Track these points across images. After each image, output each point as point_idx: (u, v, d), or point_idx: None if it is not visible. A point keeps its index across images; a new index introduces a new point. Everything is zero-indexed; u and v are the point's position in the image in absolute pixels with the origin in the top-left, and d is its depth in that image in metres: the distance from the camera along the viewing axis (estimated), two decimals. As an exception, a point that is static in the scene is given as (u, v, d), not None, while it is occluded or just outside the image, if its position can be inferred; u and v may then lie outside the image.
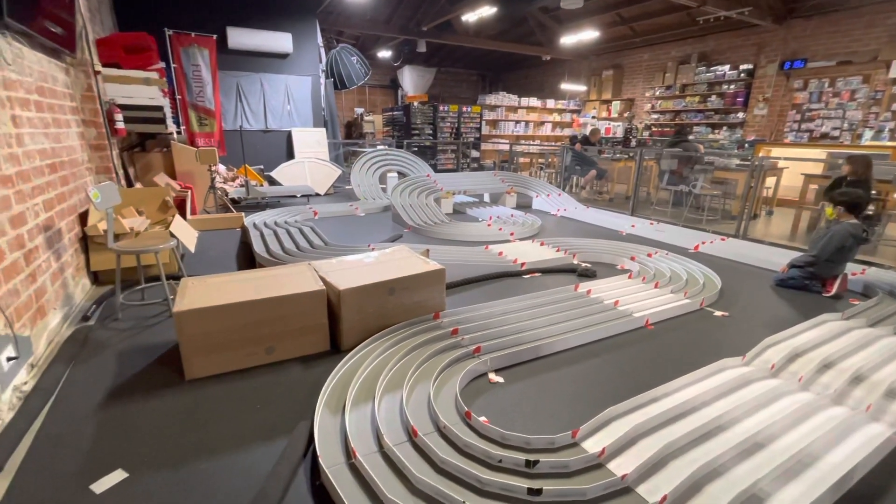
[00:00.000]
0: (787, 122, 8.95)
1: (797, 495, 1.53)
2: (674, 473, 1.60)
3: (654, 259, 4.41)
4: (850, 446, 1.81)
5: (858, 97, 7.87)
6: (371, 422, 1.90)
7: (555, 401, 2.19)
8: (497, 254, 4.64)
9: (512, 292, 3.57)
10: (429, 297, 2.95)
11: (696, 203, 6.94)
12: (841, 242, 3.57)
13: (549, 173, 10.80)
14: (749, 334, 2.91)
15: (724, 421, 1.92)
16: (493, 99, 14.58)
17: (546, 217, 6.88)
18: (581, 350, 2.71)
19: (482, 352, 2.51)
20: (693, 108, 10.67)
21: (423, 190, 7.09)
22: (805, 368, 2.35)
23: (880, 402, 2.09)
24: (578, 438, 1.80)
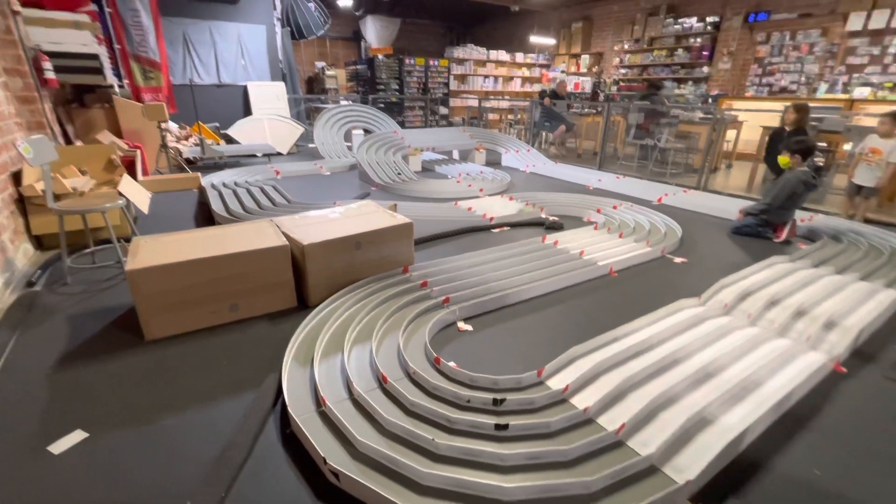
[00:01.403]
0: (749, 77, 9.09)
1: (741, 416, 1.65)
2: (632, 404, 1.69)
3: (619, 211, 4.50)
4: (790, 372, 1.96)
5: (816, 51, 8.03)
6: (341, 372, 1.90)
7: (522, 345, 2.26)
8: (466, 209, 4.62)
9: (481, 246, 3.58)
10: (397, 252, 2.92)
11: (660, 157, 7.06)
12: (793, 189, 3.74)
13: (519, 129, 10.70)
14: (705, 278, 3.05)
15: (679, 355, 2.03)
16: (461, 52, 14.08)
17: (515, 173, 6.86)
18: (548, 297, 2.78)
19: (451, 302, 2.53)
20: (660, 62, 10.65)
21: (390, 147, 6.89)
22: (754, 306, 2.49)
23: (819, 333, 2.25)
24: (544, 377, 1.87)
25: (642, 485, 1.37)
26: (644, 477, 1.40)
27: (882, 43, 7.19)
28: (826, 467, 1.53)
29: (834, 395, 1.92)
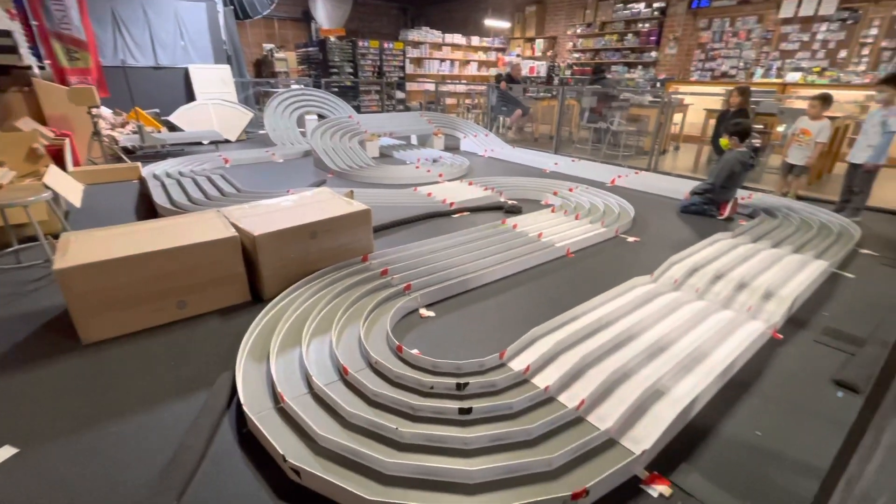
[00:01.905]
0: (693, 62, 9.46)
1: (691, 386, 1.74)
2: (590, 381, 1.75)
3: (574, 193, 4.60)
4: (734, 342, 2.08)
5: (753, 37, 8.46)
6: (299, 366, 1.84)
7: (484, 328, 2.27)
8: (426, 195, 4.58)
9: (441, 231, 3.55)
10: (355, 240, 2.85)
11: (613, 140, 7.27)
12: (732, 169, 3.95)
13: (477, 114, 10.67)
14: (657, 255, 3.18)
15: (633, 331, 2.11)
16: (416, 35, 13.79)
17: (474, 158, 6.85)
18: (508, 280, 2.81)
19: (412, 289, 2.51)
20: (611, 46, 10.88)
21: (345, 132, 6.69)
22: (701, 281, 2.62)
23: (759, 303, 2.41)
24: (506, 359, 1.89)
25: (601, 458, 1.42)
26: (603, 450, 1.45)
27: (811, 30, 7.67)
28: (766, 428, 1.64)
29: (772, 361, 2.06)
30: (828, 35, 7.51)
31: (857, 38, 7.19)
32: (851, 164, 4.09)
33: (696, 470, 1.45)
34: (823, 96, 4.35)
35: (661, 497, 1.35)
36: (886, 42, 6.91)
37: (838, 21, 7.33)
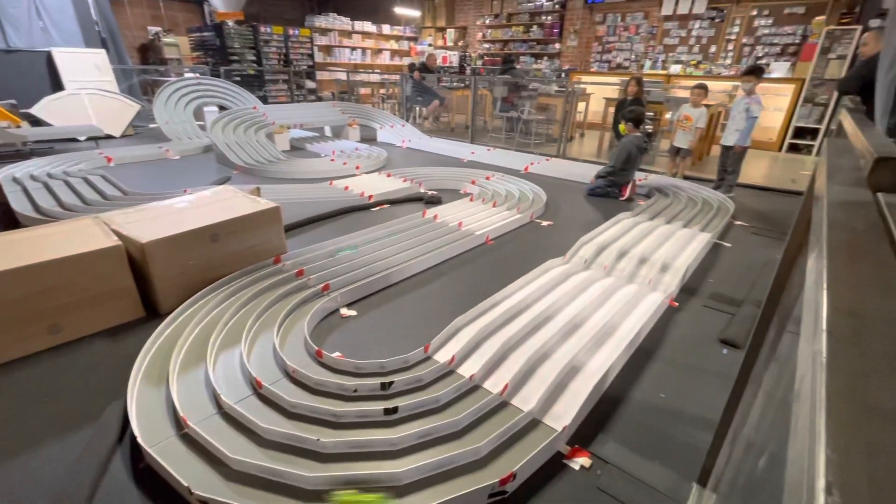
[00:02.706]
0: (592, 53, 10.13)
1: (603, 359, 1.86)
2: (513, 364, 1.79)
3: (491, 182, 4.70)
4: (638, 313, 2.26)
5: (641, 32, 9.24)
6: (205, 385, 1.67)
7: (408, 322, 2.24)
8: (343, 188, 4.40)
9: (361, 226, 3.44)
10: (265, 240, 2.65)
11: (525, 129, 7.55)
12: (629, 153, 4.30)
13: (392, 104, 10.50)
14: (569, 237, 3.35)
15: (550, 312, 2.21)
16: (323, 21, 13.17)
17: (392, 149, 6.74)
18: (430, 272, 2.80)
19: (331, 289, 2.39)
20: (518, 38, 11.27)
21: (251, 125, 6.21)
22: (608, 259, 2.82)
23: (657, 276, 2.64)
24: (430, 352, 1.88)
25: (527, 439, 1.46)
26: (528, 431, 1.50)
27: (687, 27, 8.55)
28: (668, 389, 1.81)
29: (670, 327, 2.27)
30: (700, 32, 8.42)
31: (724, 35, 8.15)
32: (724, 146, 4.64)
33: (611, 438, 1.55)
34: (701, 85, 4.87)
35: (582, 469, 1.42)
36: (746, 38, 7.91)
37: (708, 19, 8.25)
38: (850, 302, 0.24)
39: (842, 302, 0.24)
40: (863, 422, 0.17)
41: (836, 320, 0.22)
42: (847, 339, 0.21)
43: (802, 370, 0.23)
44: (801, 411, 0.20)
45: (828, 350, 0.20)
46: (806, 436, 0.18)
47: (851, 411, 0.17)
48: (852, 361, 0.20)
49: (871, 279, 0.26)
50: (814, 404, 0.18)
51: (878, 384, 0.19)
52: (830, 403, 0.17)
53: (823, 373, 0.19)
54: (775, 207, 4.37)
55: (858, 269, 0.28)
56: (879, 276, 0.27)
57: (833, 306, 0.23)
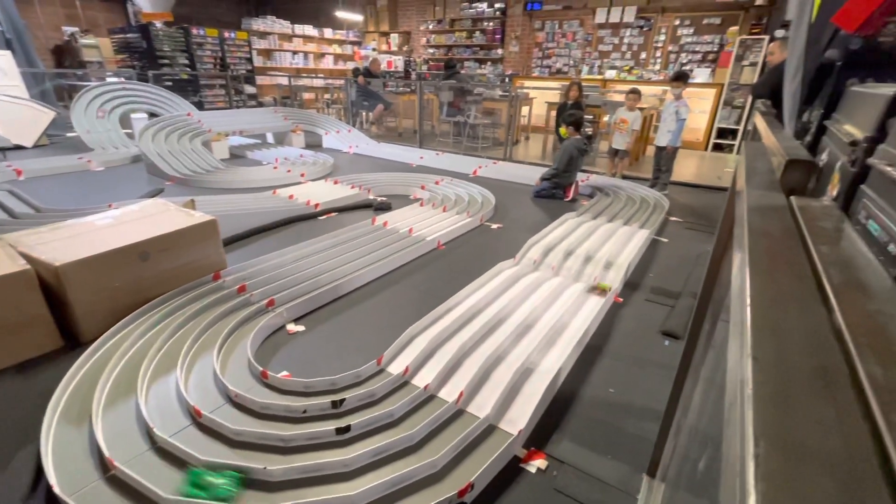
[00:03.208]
0: (533, 59, 10.45)
1: (555, 358, 1.90)
2: (467, 370, 1.78)
3: (441, 186, 4.71)
4: (586, 311, 2.33)
5: (577, 38, 9.66)
6: (137, 419, 1.52)
7: (360, 335, 2.17)
8: (287, 197, 4.24)
9: (307, 236, 3.31)
10: (202, 256, 2.49)
11: (472, 133, 7.65)
12: (570, 155, 4.46)
13: (338, 109, 10.30)
14: (518, 239, 3.41)
15: (503, 315, 2.23)
16: (261, 24, 12.69)
17: (338, 155, 6.59)
18: (381, 280, 2.74)
19: (276, 304, 2.28)
20: (462, 43, 11.42)
21: (185, 132, 5.86)
22: (556, 259, 2.89)
23: (602, 272, 2.75)
24: (384, 364, 1.83)
25: (484, 446, 1.46)
26: (484, 438, 1.49)
27: (619, 34, 9.03)
28: (617, 384, 1.87)
29: (616, 323, 2.36)
30: (631, 39, 8.93)
31: (652, 43, 8.69)
32: (657, 146, 4.92)
33: (565, 437, 1.58)
34: (634, 90, 5.14)
35: (538, 471, 1.44)
36: (672, 46, 8.48)
37: (637, 28, 8.76)
38: (772, 320, 0.24)
39: (764, 321, 0.24)
40: (792, 470, 0.16)
41: (760, 342, 0.22)
42: (770, 364, 0.21)
43: (731, 396, 0.22)
44: (732, 440, 0.20)
45: (753, 381, 0.20)
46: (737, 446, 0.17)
47: (779, 460, 0.17)
48: (777, 392, 0.20)
49: (790, 291, 0.27)
50: (742, 439, 0.18)
51: (802, 415, 0.18)
52: (758, 448, 0.17)
53: (750, 410, 0.18)
54: (705, 203, 4.69)
55: (778, 281, 0.28)
56: (796, 287, 0.27)
57: (756, 325, 0.24)
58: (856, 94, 0.72)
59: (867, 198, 0.39)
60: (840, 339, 0.24)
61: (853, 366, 0.21)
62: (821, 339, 0.24)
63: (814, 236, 0.35)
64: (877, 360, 0.21)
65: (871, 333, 0.24)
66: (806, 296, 0.27)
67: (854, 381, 0.20)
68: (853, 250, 0.33)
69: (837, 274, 0.29)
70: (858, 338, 0.23)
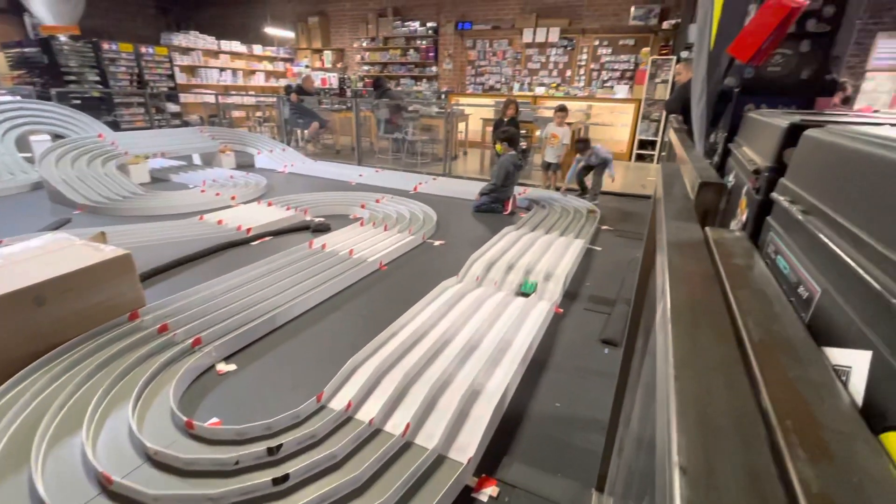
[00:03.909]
0: (466, 76, 10.73)
1: (501, 377, 1.89)
2: (414, 399, 1.72)
3: (382, 204, 4.64)
4: (529, 325, 2.36)
5: (507, 57, 10.06)
6: (30, 496, 1.31)
7: (298, 370, 2.05)
8: (216, 223, 3.97)
9: (239, 264, 3.10)
10: (115, 294, 2.24)
11: (411, 149, 7.67)
12: (506, 170, 4.59)
13: (271, 127, 9.93)
14: (460, 255, 3.41)
15: (448, 336, 2.19)
16: (183, 40, 12.00)
17: (272, 175, 6.32)
18: (321, 307, 2.62)
19: (204, 342, 2.10)
20: (397, 60, 11.50)
21: (97, 155, 5.36)
22: (498, 273, 2.92)
23: (542, 285, 2.81)
24: (324, 401, 1.72)
25: (434, 479, 1.40)
26: (434, 470, 1.44)
27: (546, 53, 9.53)
28: (562, 397, 1.90)
29: (558, 334, 2.41)
30: (556, 58, 9.45)
31: (576, 61, 9.25)
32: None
33: (515, 459, 1.56)
34: (561, 107, 5.41)
35: (490, 500, 1.40)
36: (593, 64, 9.07)
37: (561, 47, 9.30)
38: (699, 405, 0.23)
39: (690, 405, 0.23)
40: None
41: (688, 444, 0.20)
42: (700, 474, 0.19)
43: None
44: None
45: (681, 499, 0.18)
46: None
47: None
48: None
49: (713, 357, 0.26)
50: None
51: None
52: None
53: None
54: (632, 210, 5.00)
55: (700, 345, 0.27)
56: (718, 352, 0.26)
57: (682, 412, 0.22)
58: (752, 120, 0.78)
59: (774, 231, 0.40)
60: (767, 424, 0.23)
61: (784, 467, 0.20)
62: (748, 426, 0.23)
63: (731, 279, 0.35)
64: (807, 456, 0.20)
65: (797, 414, 0.23)
66: (729, 362, 0.26)
67: (788, 491, 0.19)
68: (768, 293, 0.34)
69: (755, 328, 0.29)
70: (785, 421, 0.22)
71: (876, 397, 0.23)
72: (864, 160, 0.29)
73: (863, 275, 0.25)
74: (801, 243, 0.35)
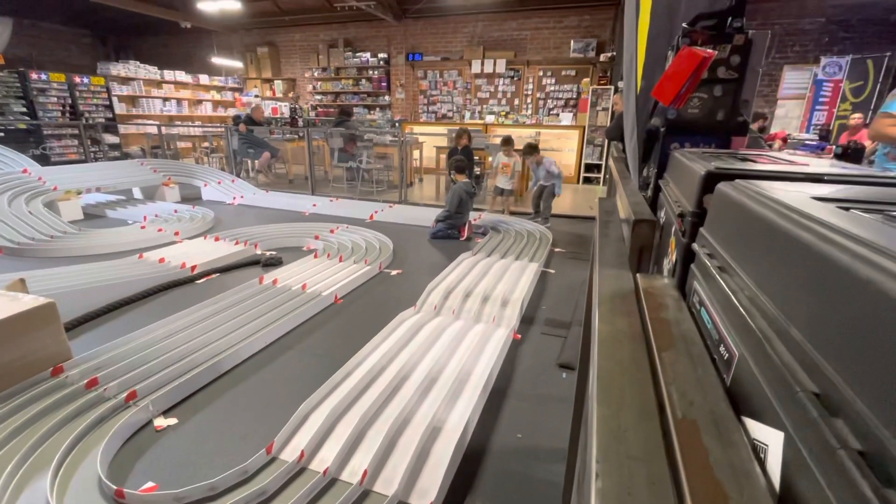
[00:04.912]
0: (419, 105, 10.94)
1: (462, 410, 1.85)
2: (371, 443, 1.65)
3: (336, 234, 4.56)
4: (488, 353, 2.35)
5: (458, 87, 10.39)
6: None
7: (246, 419, 1.91)
8: (157, 261, 3.74)
9: (182, 305, 2.91)
10: (36, 349, 2.03)
11: (367, 177, 7.64)
12: (459, 197, 4.67)
13: (220, 158, 9.62)
14: (418, 284, 3.38)
15: (406, 371, 2.14)
16: (123, 69, 11.52)
17: (220, 207, 6.07)
18: (272, 348, 2.49)
19: (139, 396, 1.93)
20: (349, 90, 11.57)
21: (20, 192, 4.95)
22: (455, 302, 2.92)
23: (499, 311, 2.82)
24: (275, 452, 1.61)
25: (392, 529, 1.33)
26: (393, 518, 1.37)
27: (494, 83, 9.92)
28: (523, 427, 1.88)
29: (517, 361, 2.41)
30: (504, 88, 9.86)
31: (523, 91, 9.68)
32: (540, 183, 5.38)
33: (478, 498, 1.52)
34: (506, 139, 5.61)
35: (453, 545, 1.35)
36: (539, 93, 9.53)
37: (508, 77, 9.73)
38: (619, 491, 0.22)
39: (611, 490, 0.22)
40: None
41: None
42: None
43: None
44: None
45: None
46: None
47: None
48: None
49: (636, 442, 0.26)
50: None
51: None
52: None
53: None
54: (582, 232, 5.18)
55: (624, 427, 0.27)
56: (642, 434, 0.26)
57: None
58: (677, 160, 0.83)
59: (697, 280, 0.41)
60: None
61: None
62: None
63: (658, 338, 0.35)
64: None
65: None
66: (651, 449, 0.26)
67: None
68: (692, 354, 0.34)
69: (679, 399, 0.29)
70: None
71: (791, 482, 0.24)
72: (769, 227, 0.30)
73: (768, 349, 0.26)
74: (719, 300, 0.36)
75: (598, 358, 0.32)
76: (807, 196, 0.33)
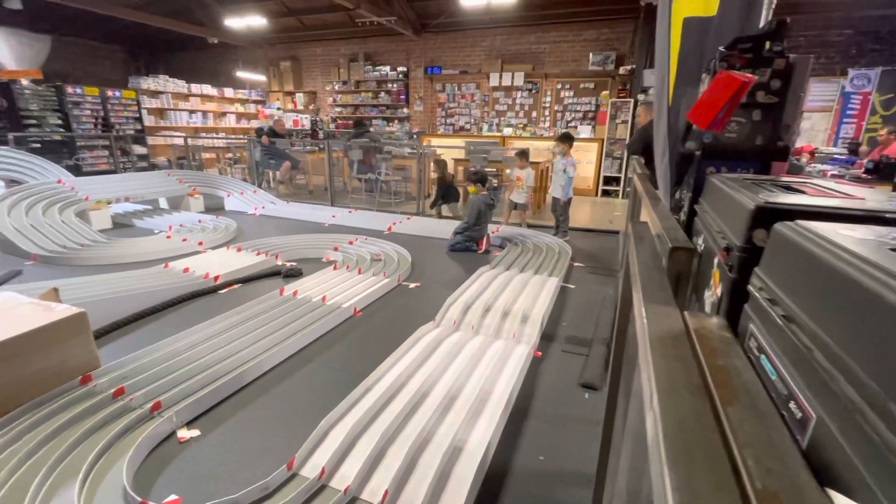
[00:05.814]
0: (437, 117, 11.05)
1: (483, 430, 1.83)
2: (391, 462, 1.64)
3: (355, 246, 4.59)
4: (509, 371, 2.32)
5: (476, 99, 10.46)
6: None
7: (268, 433, 1.92)
8: (182, 271, 3.82)
9: (205, 315, 2.96)
10: (66, 358, 2.08)
11: (385, 188, 7.72)
12: (479, 209, 4.66)
13: (242, 169, 9.84)
14: (437, 298, 3.38)
15: (426, 387, 2.13)
16: (153, 83, 11.95)
17: (243, 218, 6.20)
18: (292, 360, 2.51)
19: (164, 406, 1.96)
20: (369, 102, 11.77)
21: (54, 202, 5.14)
22: (475, 317, 2.89)
23: (519, 327, 2.79)
24: (296, 468, 1.61)
25: (414, 552, 1.31)
26: (414, 541, 1.35)
27: (512, 96, 9.96)
28: (545, 449, 1.84)
29: (537, 379, 2.38)
30: (522, 100, 9.88)
31: (540, 103, 9.69)
32: (553, 197, 5.34)
33: (500, 522, 1.48)
34: (521, 153, 5.60)
35: (475, 572, 1.32)
36: (557, 106, 9.52)
37: (526, 90, 9.75)
38: None
39: None
40: None
41: None
42: None
43: None
44: None
45: None
46: None
47: None
48: None
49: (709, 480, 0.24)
50: None
51: None
52: None
53: None
54: (601, 246, 5.12)
55: (700, 487, 0.25)
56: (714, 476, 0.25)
57: None
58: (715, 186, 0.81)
59: (754, 324, 0.40)
60: None
61: None
62: None
63: (719, 389, 0.34)
64: None
65: None
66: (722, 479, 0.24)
67: None
68: (760, 410, 0.33)
69: (755, 465, 0.27)
70: None
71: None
72: (854, 287, 0.29)
73: (860, 421, 0.24)
74: (787, 352, 0.35)
75: (659, 412, 0.31)
76: (886, 249, 0.31)
